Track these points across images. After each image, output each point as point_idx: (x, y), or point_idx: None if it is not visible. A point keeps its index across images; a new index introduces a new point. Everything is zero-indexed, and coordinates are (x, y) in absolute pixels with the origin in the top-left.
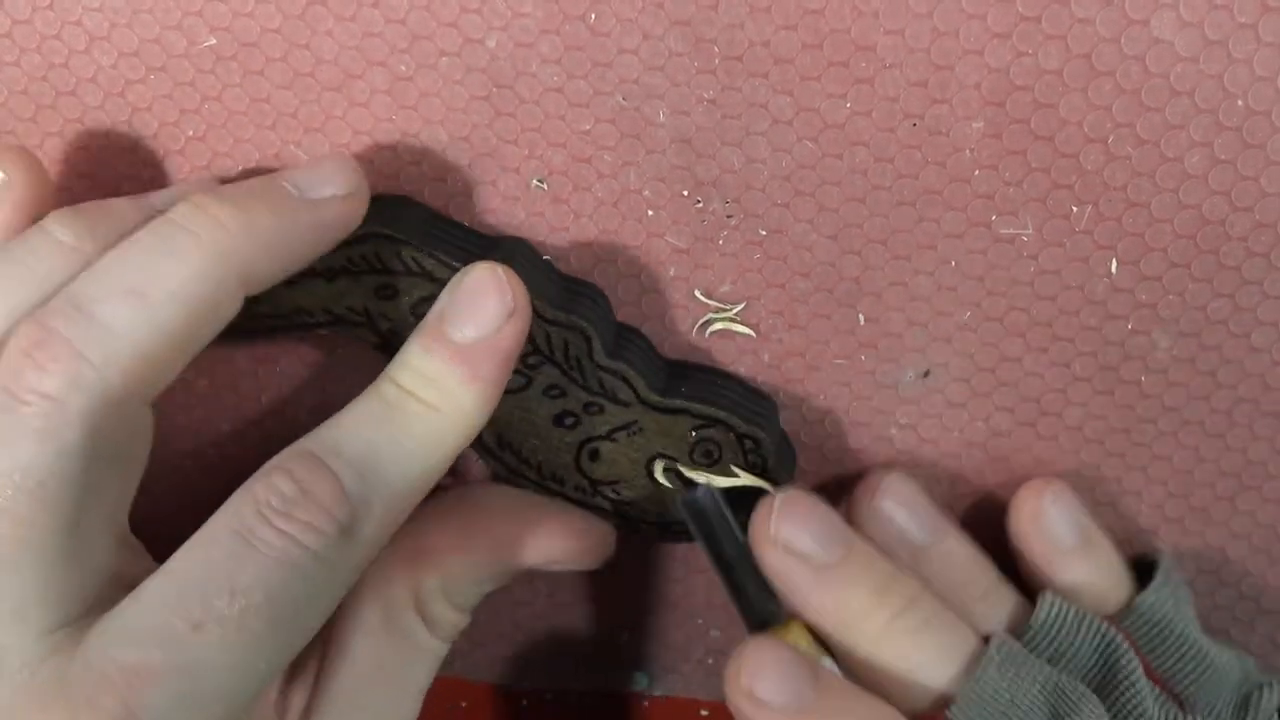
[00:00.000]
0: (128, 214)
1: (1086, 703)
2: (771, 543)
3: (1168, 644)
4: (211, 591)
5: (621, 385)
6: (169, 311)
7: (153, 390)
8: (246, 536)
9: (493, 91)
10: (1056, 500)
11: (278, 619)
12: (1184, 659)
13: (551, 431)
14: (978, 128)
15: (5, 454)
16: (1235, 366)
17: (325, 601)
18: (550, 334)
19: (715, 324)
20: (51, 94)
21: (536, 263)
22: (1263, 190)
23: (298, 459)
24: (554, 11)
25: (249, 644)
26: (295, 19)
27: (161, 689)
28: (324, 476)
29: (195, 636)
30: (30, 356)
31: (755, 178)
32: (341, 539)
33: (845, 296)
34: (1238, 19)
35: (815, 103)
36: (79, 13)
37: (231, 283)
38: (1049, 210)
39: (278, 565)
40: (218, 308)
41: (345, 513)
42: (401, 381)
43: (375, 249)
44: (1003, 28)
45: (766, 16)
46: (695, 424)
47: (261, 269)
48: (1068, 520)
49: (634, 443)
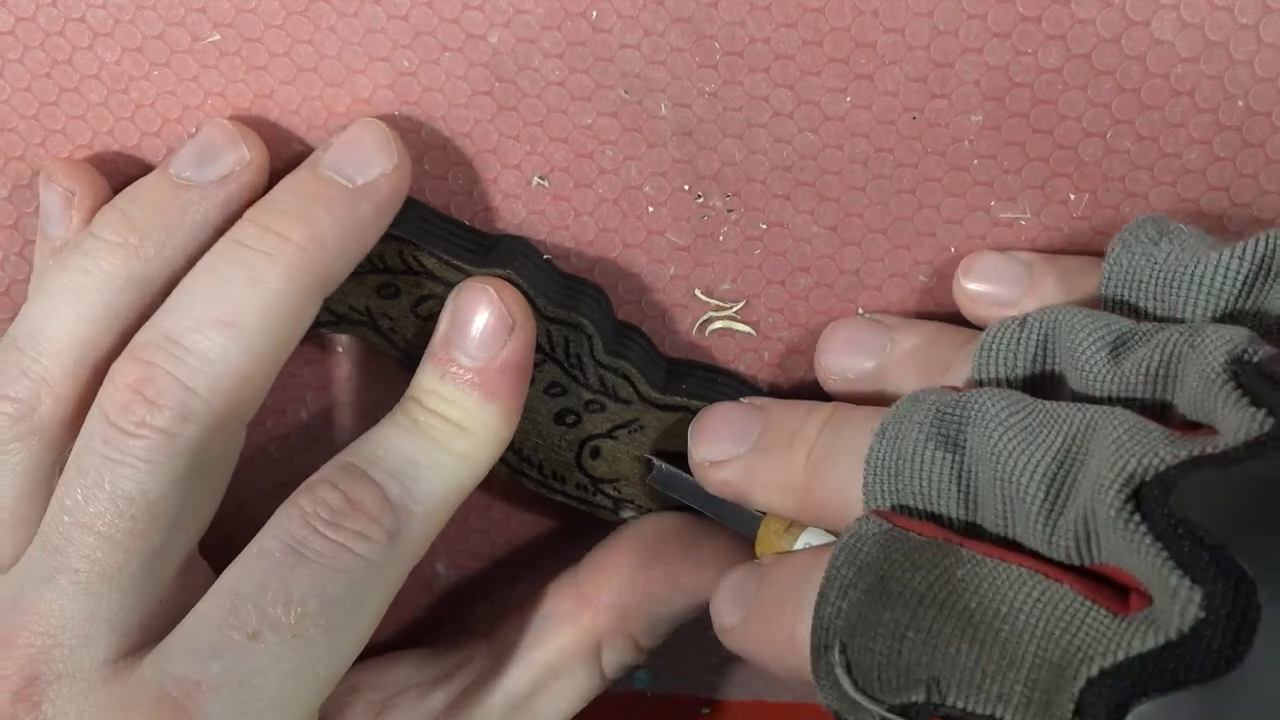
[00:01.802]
0: (159, 194)
1: (975, 402)
2: (702, 468)
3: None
4: (267, 601)
5: (622, 383)
6: (262, 337)
7: (251, 410)
8: (297, 547)
9: (495, 87)
10: (969, 270)
11: (332, 625)
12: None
13: (553, 429)
14: (977, 121)
15: (115, 485)
16: None
17: (374, 607)
18: (551, 332)
19: (715, 322)
20: (55, 90)
21: (536, 261)
22: (1261, 188)
23: (341, 472)
24: (555, 7)
25: (305, 651)
26: (298, 14)
27: (220, 700)
28: (369, 487)
29: (253, 645)
30: (139, 393)
31: (756, 170)
32: (389, 545)
33: (845, 291)
34: (1239, 20)
35: (816, 96)
36: (82, 9)
37: (313, 294)
38: (1047, 196)
39: (331, 573)
40: (302, 319)
41: (391, 520)
42: (426, 404)
43: (377, 248)
44: (1003, 27)
45: (767, 14)
46: None
47: (336, 270)
48: (995, 273)
49: (635, 440)
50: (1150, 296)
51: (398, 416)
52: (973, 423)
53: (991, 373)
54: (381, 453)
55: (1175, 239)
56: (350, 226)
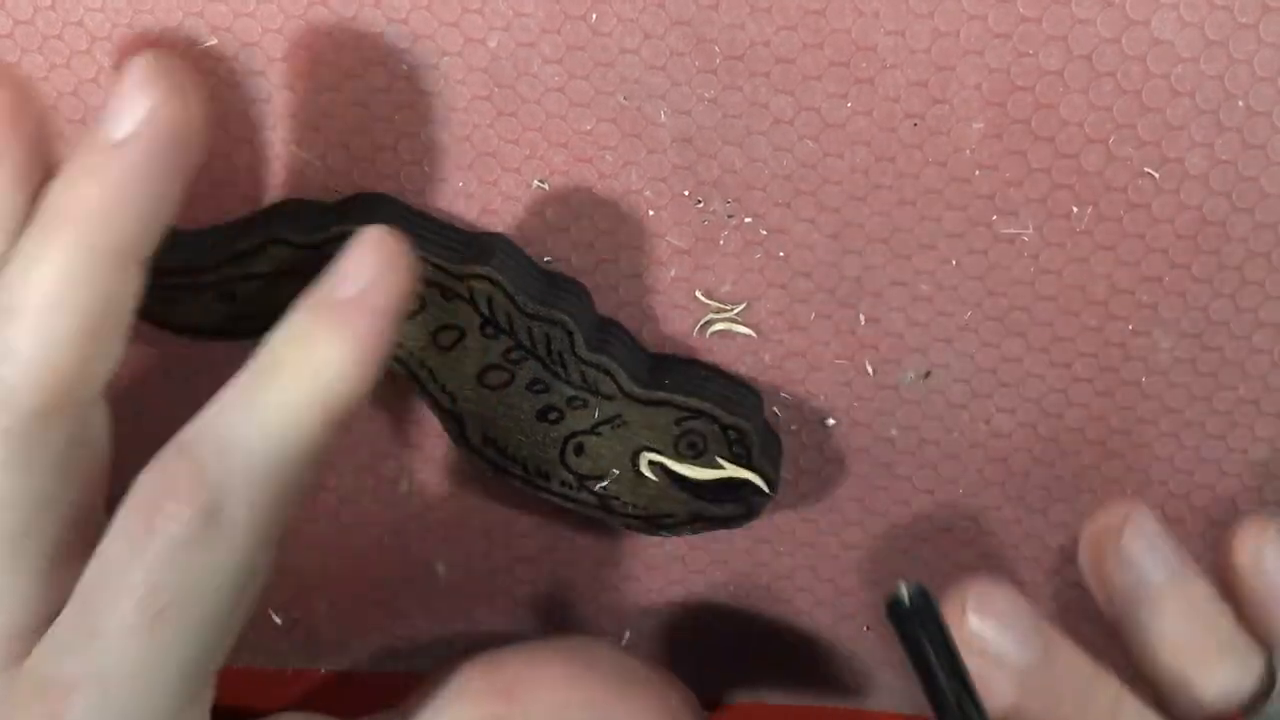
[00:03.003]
0: None
1: None
2: (965, 641)
3: None
4: (103, 600)
5: (604, 378)
6: (59, 321)
7: (88, 390)
8: (127, 538)
9: (494, 91)
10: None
11: (162, 617)
12: None
13: (536, 427)
14: (978, 128)
15: None
16: (1236, 368)
17: (223, 592)
18: (532, 328)
19: (716, 325)
20: (54, 94)
21: (518, 257)
22: (1264, 191)
23: (166, 450)
24: (555, 11)
25: (150, 646)
26: (296, 19)
27: (83, 698)
28: (180, 464)
29: (96, 645)
30: None
31: (756, 177)
32: (207, 523)
33: (846, 296)
34: (1239, 19)
35: (816, 102)
36: (80, 13)
37: (105, 263)
38: (1049, 210)
39: (157, 564)
40: (109, 294)
41: (206, 497)
42: (272, 344)
43: None
44: (1004, 28)
45: (767, 17)
46: (679, 416)
47: (132, 232)
48: None
49: (619, 436)
50: None
51: (238, 376)
52: None
53: None
54: (209, 421)
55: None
56: (124, 185)
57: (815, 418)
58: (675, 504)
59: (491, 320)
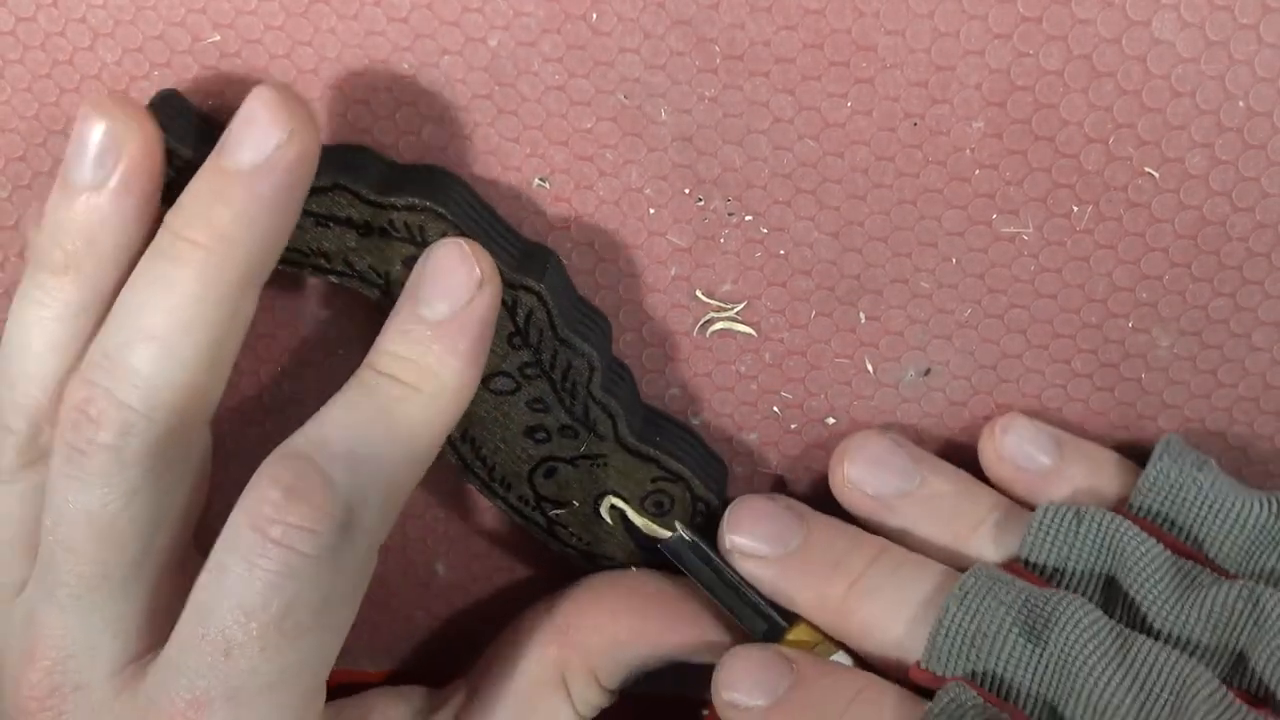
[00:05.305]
0: (74, 212)
1: (1064, 607)
2: (730, 554)
3: (1187, 510)
4: (228, 619)
5: (605, 420)
6: (188, 343)
7: (204, 412)
8: (246, 555)
9: (494, 90)
10: (1008, 429)
11: (299, 628)
12: (1210, 519)
13: (519, 440)
14: (978, 127)
15: (75, 500)
16: (1236, 365)
17: (346, 598)
18: (557, 352)
19: (716, 323)
20: (56, 91)
21: (564, 278)
22: (1264, 191)
23: (282, 462)
24: (555, 10)
25: (279, 659)
26: (298, 16)
27: (218, 716)
28: (311, 477)
29: (229, 664)
30: (84, 412)
31: (756, 175)
32: (341, 536)
33: (846, 294)
34: (1239, 20)
35: (816, 101)
36: (83, 9)
37: (235, 289)
38: (1049, 209)
39: (283, 578)
40: (234, 316)
41: (340, 508)
42: (380, 367)
43: (421, 221)
44: (1004, 28)
45: (767, 16)
46: (658, 474)
47: (257, 260)
48: (1030, 440)
49: (593, 474)
50: (1189, 516)
51: (349, 387)
52: (1060, 626)
53: (1042, 557)
54: (329, 434)
55: (1212, 470)
56: (254, 213)
57: (815, 416)
58: (620, 549)
59: (522, 333)
